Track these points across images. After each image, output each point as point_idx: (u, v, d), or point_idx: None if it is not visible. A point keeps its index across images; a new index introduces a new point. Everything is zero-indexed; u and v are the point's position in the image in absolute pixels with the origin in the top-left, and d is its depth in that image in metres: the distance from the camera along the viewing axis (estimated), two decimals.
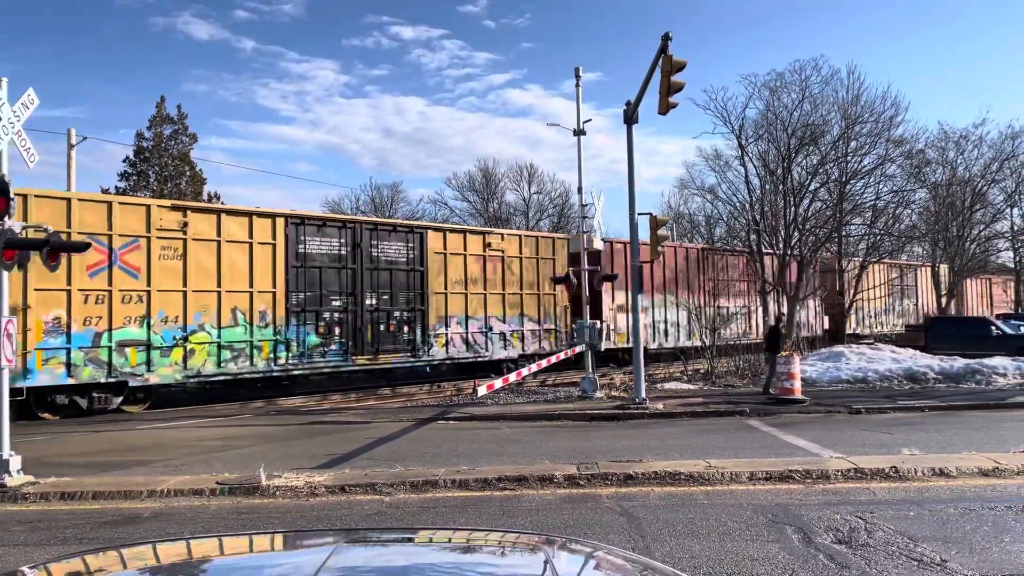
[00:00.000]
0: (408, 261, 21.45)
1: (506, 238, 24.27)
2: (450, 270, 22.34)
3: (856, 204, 29.64)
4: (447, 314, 22.19)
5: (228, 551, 2.59)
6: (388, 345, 20.84)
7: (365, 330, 20.37)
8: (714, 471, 9.07)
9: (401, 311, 21.19)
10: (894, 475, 8.89)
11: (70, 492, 8.85)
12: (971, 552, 6.08)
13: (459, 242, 22.84)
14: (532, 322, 24.40)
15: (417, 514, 7.79)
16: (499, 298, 23.50)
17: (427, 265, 21.79)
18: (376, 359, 20.63)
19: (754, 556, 6.07)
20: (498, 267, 23.55)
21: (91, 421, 15.68)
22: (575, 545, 2.71)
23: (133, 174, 46.43)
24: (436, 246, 22.12)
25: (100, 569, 2.29)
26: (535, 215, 61.96)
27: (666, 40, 14.02)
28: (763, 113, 29.06)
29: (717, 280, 30.39)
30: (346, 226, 20.53)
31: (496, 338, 23.35)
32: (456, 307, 22.45)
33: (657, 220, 16.66)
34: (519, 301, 24.05)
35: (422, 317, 21.63)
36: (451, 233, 23.03)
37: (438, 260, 22.11)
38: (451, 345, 22.29)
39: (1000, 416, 14.35)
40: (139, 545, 2.58)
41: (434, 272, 21.94)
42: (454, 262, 22.51)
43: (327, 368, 19.80)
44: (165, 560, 2.39)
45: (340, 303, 19.95)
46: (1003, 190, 40.04)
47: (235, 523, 7.59)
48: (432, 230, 22.69)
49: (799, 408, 15.32)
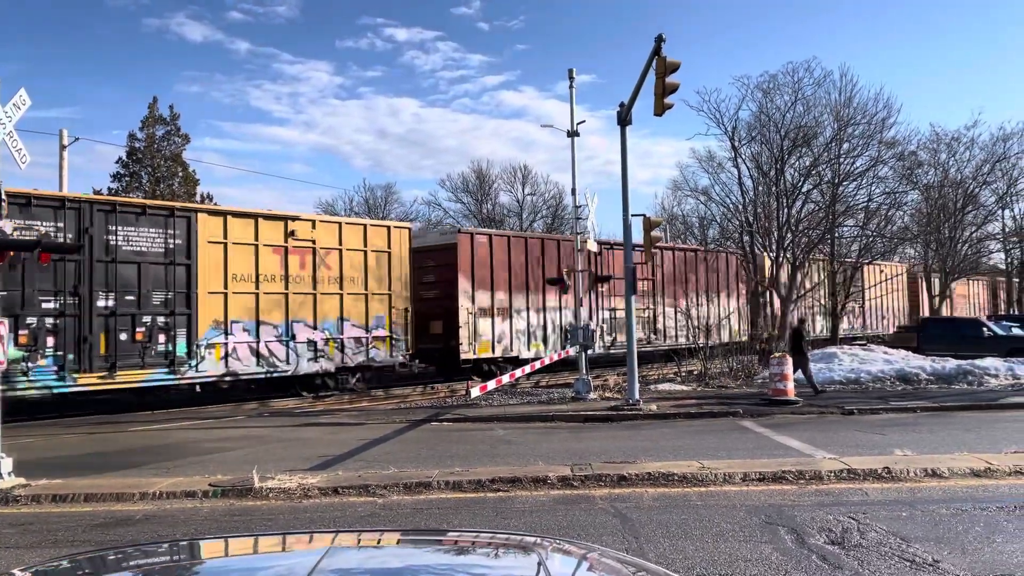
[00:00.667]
0: (167, 253, 17.07)
1: (319, 225, 20.08)
2: (234, 264, 18.18)
3: (848, 206, 29.69)
4: (227, 319, 18.03)
5: (221, 553, 2.59)
6: (133, 359, 16.47)
7: (96, 340, 15.99)
8: (707, 472, 9.09)
9: (154, 315, 16.85)
10: (887, 476, 8.92)
11: (62, 494, 8.82)
12: (963, 553, 6.10)
13: (247, 229, 18.56)
14: (357, 327, 20.42)
15: (411, 516, 7.78)
16: (309, 299, 19.54)
17: (196, 258, 17.51)
18: (112, 377, 16.19)
19: (747, 557, 6.09)
20: (308, 261, 19.55)
21: (84, 423, 15.63)
22: (568, 547, 2.71)
23: (126, 175, 46.33)
24: (211, 234, 17.87)
25: (92, 571, 2.28)
26: (528, 216, 62.03)
27: (659, 42, 14.05)
28: (756, 115, 29.05)
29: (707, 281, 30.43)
30: (66, 206, 15.86)
31: (303, 348, 19.34)
32: (241, 310, 18.30)
33: (651, 221, 16.70)
34: (339, 303, 20.11)
35: (188, 323, 17.35)
36: (235, 218, 18.49)
37: (215, 252, 17.89)
38: (233, 357, 18.10)
39: (992, 417, 14.41)
40: (131, 547, 2.58)
41: (208, 266, 17.75)
42: (240, 254, 18.31)
43: (32, 390, 15.25)
44: (157, 562, 2.39)
45: (55, 305, 15.45)
46: (994, 192, 40.17)
47: (228, 525, 7.57)
48: (205, 213, 18.36)
49: (792, 409, 15.36)
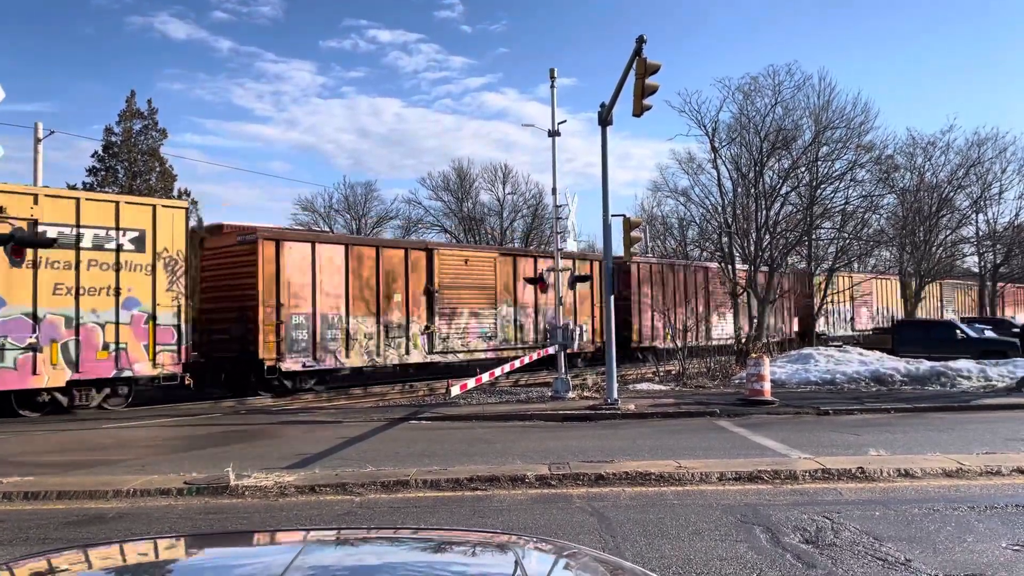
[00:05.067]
0: None
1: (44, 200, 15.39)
2: None
3: (826, 208, 30.00)
4: None
5: (195, 550, 2.56)
6: None
7: None
8: (684, 471, 9.13)
9: None
10: (860, 476, 9.01)
11: (34, 492, 8.69)
12: (935, 552, 6.18)
13: None
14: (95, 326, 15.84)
15: (388, 514, 7.75)
16: None
17: None
18: None
19: (723, 556, 6.13)
20: None
21: (56, 420, 15.42)
22: (545, 545, 2.71)
23: (101, 169, 45.72)
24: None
25: (63, 569, 2.25)
26: (509, 215, 62.06)
27: (640, 43, 14.10)
28: (736, 117, 29.32)
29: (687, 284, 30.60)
30: None
31: None
32: None
33: (631, 221, 16.73)
34: None
35: None
36: None
37: None
38: None
39: (964, 418, 14.60)
40: (103, 545, 2.55)
41: None
42: None
43: None
44: (130, 559, 2.36)
45: None
46: (969, 196, 40.81)
47: (203, 523, 7.51)
48: None
49: (768, 409, 15.47)
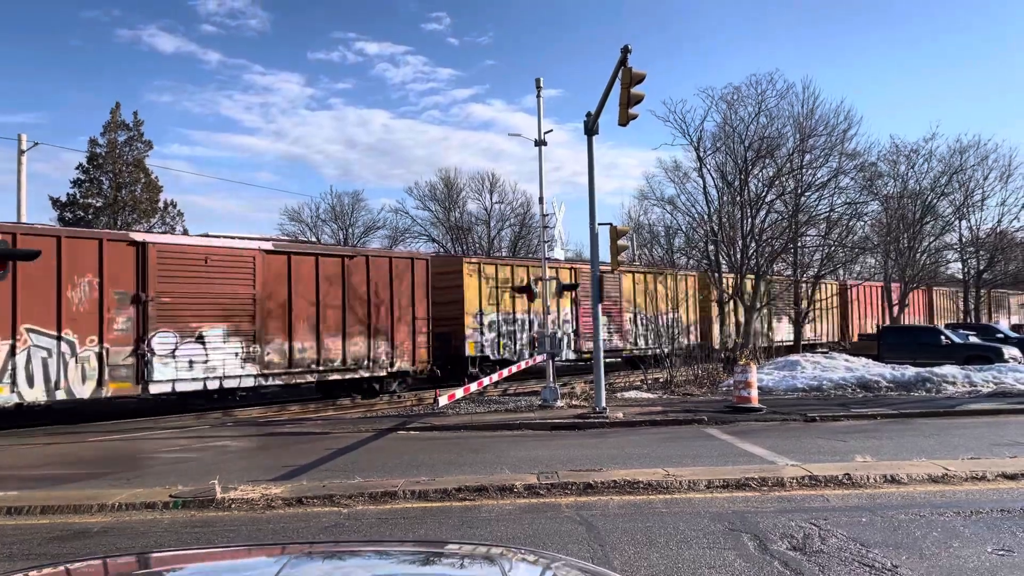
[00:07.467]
0: None
1: None
2: None
3: (811, 216, 30.20)
4: None
5: (179, 565, 2.54)
6: None
7: None
8: (672, 479, 9.14)
9: None
10: (847, 482, 9.04)
11: (17, 507, 8.59)
12: (921, 557, 6.21)
13: None
14: None
15: (376, 526, 7.72)
16: None
17: None
18: None
19: (711, 564, 6.13)
20: None
21: (41, 432, 15.27)
22: (532, 556, 2.71)
23: (86, 181, 45.48)
24: None
25: None
26: (496, 224, 62.10)
27: (626, 52, 14.18)
28: (721, 125, 29.49)
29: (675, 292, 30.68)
30: None
31: None
32: None
33: (617, 230, 16.79)
34: None
35: None
36: None
37: None
38: None
39: (950, 423, 14.69)
40: (87, 560, 2.52)
41: None
42: None
43: None
44: (114, 575, 2.34)
45: None
46: (952, 203, 41.20)
47: (188, 537, 7.44)
48: None
49: (756, 416, 15.52)
